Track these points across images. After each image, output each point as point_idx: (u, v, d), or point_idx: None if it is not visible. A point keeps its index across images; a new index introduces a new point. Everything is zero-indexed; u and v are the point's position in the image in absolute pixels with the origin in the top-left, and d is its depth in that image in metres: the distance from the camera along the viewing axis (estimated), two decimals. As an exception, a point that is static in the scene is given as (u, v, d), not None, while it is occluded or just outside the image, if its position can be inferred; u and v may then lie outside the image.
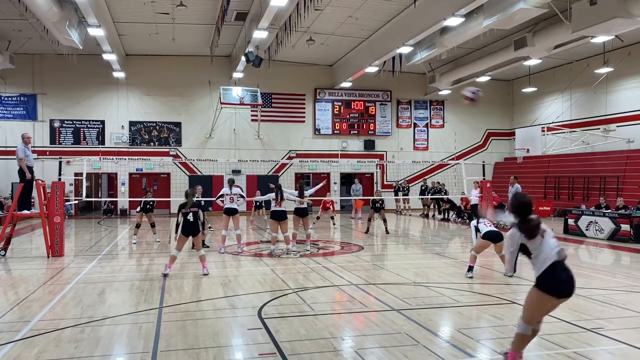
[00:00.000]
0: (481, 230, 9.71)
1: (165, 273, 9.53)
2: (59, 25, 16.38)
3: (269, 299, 7.77)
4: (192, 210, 9.60)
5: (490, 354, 5.48)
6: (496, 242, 9.54)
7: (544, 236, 4.70)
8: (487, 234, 9.54)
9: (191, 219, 9.57)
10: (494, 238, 9.52)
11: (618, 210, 15.30)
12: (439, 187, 23.47)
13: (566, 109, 25.87)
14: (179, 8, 17.90)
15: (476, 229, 9.96)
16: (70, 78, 24.23)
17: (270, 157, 25.77)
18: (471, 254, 9.77)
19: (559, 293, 4.64)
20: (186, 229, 9.60)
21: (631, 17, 13.89)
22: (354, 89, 27.73)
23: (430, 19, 16.76)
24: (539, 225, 4.70)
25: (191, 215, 9.58)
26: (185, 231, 9.63)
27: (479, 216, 10.20)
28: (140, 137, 25.64)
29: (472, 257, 9.73)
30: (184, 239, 9.69)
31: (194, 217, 9.59)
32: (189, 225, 9.58)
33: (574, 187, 23.58)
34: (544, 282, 4.61)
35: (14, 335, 6.07)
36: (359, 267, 10.73)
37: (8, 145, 23.44)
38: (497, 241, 9.54)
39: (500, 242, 9.57)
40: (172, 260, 9.80)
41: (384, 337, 5.97)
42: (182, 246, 9.82)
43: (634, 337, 5.93)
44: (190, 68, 25.47)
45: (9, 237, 12.43)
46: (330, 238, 16.15)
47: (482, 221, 9.91)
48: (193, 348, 5.62)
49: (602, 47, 21.10)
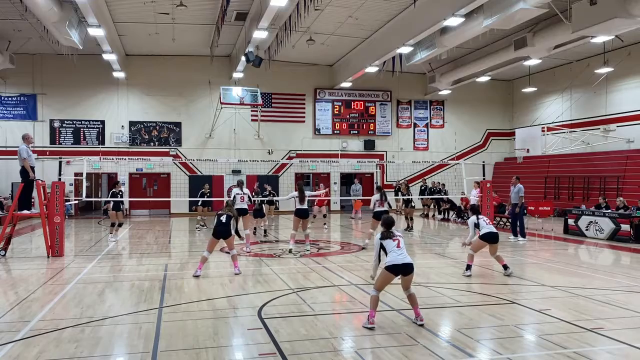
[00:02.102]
0: (481, 228, 9.59)
1: (197, 275, 9.54)
2: (59, 25, 16.38)
3: (269, 299, 7.77)
4: (227, 213, 9.81)
5: (490, 354, 5.48)
6: (493, 242, 9.52)
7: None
8: (486, 235, 9.50)
9: (224, 220, 9.71)
10: (491, 239, 9.50)
11: (619, 210, 15.30)
12: (438, 187, 23.47)
13: (566, 109, 25.87)
14: (179, 8, 17.90)
15: (476, 225, 9.70)
16: (70, 78, 24.23)
17: (270, 157, 25.77)
18: (469, 253, 9.76)
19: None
20: (218, 230, 9.70)
21: (631, 17, 13.88)
22: (354, 89, 27.73)
23: (430, 19, 16.76)
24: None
25: (225, 217, 9.74)
26: (216, 233, 9.71)
27: (478, 212, 10.01)
28: (140, 137, 25.63)
29: (470, 256, 9.73)
30: (214, 241, 9.77)
31: (226, 219, 9.74)
32: (221, 226, 9.68)
33: (574, 187, 23.58)
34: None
35: (14, 335, 6.08)
36: (359, 267, 10.72)
37: (8, 145, 23.45)
38: (494, 242, 9.53)
39: (497, 243, 9.58)
40: (203, 261, 9.83)
41: (384, 337, 5.97)
42: (213, 248, 9.89)
43: (634, 337, 5.93)
44: (190, 68, 25.46)
45: (9, 237, 12.42)
46: (330, 238, 16.13)
47: (481, 218, 9.79)
48: (193, 348, 5.62)
49: (602, 47, 21.10)
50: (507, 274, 9.56)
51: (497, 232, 9.66)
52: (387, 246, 6.49)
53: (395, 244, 6.46)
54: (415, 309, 6.46)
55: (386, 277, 6.42)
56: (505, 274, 9.57)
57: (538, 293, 8.32)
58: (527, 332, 6.25)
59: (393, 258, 6.37)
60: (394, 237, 6.52)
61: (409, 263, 6.40)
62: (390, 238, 6.52)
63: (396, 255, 6.38)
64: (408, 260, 6.41)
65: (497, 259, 9.72)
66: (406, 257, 6.42)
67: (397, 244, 6.47)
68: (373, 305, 6.38)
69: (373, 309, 6.36)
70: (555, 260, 11.72)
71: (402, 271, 6.37)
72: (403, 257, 6.39)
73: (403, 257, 6.39)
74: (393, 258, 6.37)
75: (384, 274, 6.41)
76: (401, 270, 6.37)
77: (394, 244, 6.47)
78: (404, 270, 6.38)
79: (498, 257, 9.70)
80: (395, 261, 6.35)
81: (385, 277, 6.42)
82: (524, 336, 6.10)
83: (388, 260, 6.40)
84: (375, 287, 6.50)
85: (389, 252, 6.44)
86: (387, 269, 6.37)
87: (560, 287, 8.61)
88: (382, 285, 6.50)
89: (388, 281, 6.46)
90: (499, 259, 9.70)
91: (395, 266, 6.34)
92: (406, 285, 6.49)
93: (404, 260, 6.36)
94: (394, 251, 6.41)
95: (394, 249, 6.43)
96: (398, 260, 6.35)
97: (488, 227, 9.60)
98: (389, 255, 6.43)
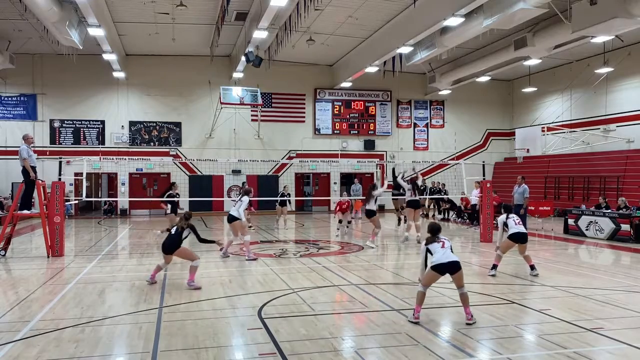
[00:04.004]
0: (510, 228, 9.38)
1: (150, 282, 8.90)
2: (59, 25, 16.38)
3: (269, 299, 7.77)
4: (178, 226, 9.04)
5: (490, 354, 5.48)
6: (522, 243, 9.43)
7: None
8: (515, 235, 9.34)
9: (173, 232, 8.95)
10: (520, 239, 9.39)
11: (620, 210, 15.29)
12: (437, 188, 23.44)
13: (566, 109, 25.87)
14: (179, 8, 17.89)
15: (505, 224, 9.47)
16: (70, 78, 24.24)
17: (270, 157, 25.78)
18: (497, 254, 9.58)
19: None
20: (163, 244, 8.93)
21: (631, 17, 13.89)
22: (354, 89, 27.74)
23: (430, 19, 16.76)
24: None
25: (174, 230, 8.94)
26: (162, 247, 8.95)
27: (508, 211, 9.76)
28: (140, 137, 25.63)
29: (498, 256, 9.56)
30: (165, 256, 8.96)
31: (175, 232, 8.90)
32: (168, 239, 8.89)
33: (574, 187, 23.58)
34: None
35: (14, 335, 6.07)
36: (359, 267, 10.72)
37: (8, 145, 23.45)
38: (523, 242, 9.43)
39: (526, 243, 9.47)
40: (157, 270, 9.12)
41: (384, 337, 5.97)
42: (169, 261, 9.14)
43: (634, 337, 5.93)
44: (190, 68, 25.47)
45: (9, 237, 12.42)
46: (329, 238, 16.13)
47: (511, 217, 9.55)
48: (193, 348, 5.62)
49: (602, 47, 21.10)
50: (533, 274, 9.45)
51: (526, 232, 9.54)
52: (432, 249, 6.67)
53: (440, 245, 6.64)
54: (466, 308, 6.54)
55: (432, 276, 6.60)
56: (532, 274, 9.46)
57: (538, 293, 8.33)
58: (527, 332, 6.25)
59: (438, 257, 6.54)
60: (439, 240, 6.70)
61: (455, 261, 6.52)
62: (436, 242, 6.71)
63: (441, 254, 6.55)
64: (453, 258, 6.52)
65: (525, 259, 9.62)
66: (451, 256, 6.55)
67: (441, 244, 6.64)
68: (419, 301, 6.59)
69: (419, 305, 6.57)
70: (555, 260, 11.71)
71: (448, 270, 6.50)
72: (447, 255, 6.53)
73: (447, 255, 6.53)
74: (438, 257, 6.54)
75: (430, 273, 6.60)
76: (448, 269, 6.49)
77: (438, 246, 6.64)
78: (451, 269, 6.49)
79: (527, 257, 9.59)
80: (441, 260, 6.51)
81: (431, 276, 6.61)
82: (524, 336, 6.10)
83: (434, 259, 6.58)
84: (423, 283, 6.70)
85: (435, 253, 6.63)
86: (433, 268, 6.55)
87: (560, 287, 8.60)
88: (428, 283, 6.69)
89: (434, 280, 6.65)
90: (528, 259, 9.60)
91: (441, 265, 6.48)
92: (458, 283, 6.57)
93: (450, 259, 6.50)
94: (439, 251, 6.58)
95: (438, 249, 6.60)
96: (443, 259, 6.50)
97: (517, 227, 9.40)
98: (434, 255, 6.62)
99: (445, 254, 6.53)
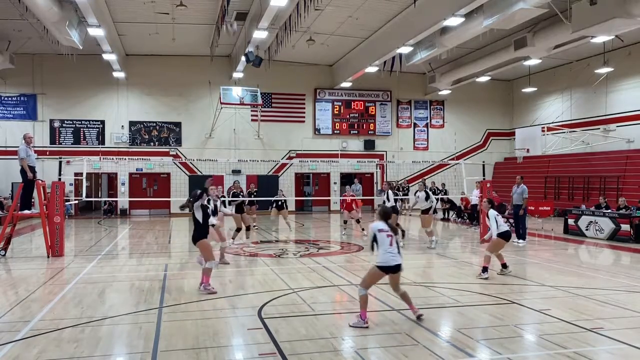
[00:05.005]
0: (499, 225, 9.25)
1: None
2: (59, 25, 16.38)
3: (269, 299, 7.77)
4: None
5: (490, 354, 5.48)
6: (508, 241, 9.49)
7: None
8: (506, 233, 9.33)
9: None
10: (508, 237, 9.44)
11: (620, 210, 15.29)
12: (435, 188, 23.41)
13: (566, 109, 25.87)
14: (179, 8, 17.89)
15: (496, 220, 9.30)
16: (70, 78, 24.24)
17: (270, 157, 25.78)
18: (486, 255, 9.40)
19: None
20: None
21: (631, 17, 13.89)
22: (354, 89, 27.74)
23: (430, 19, 16.76)
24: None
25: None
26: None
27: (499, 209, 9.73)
28: (140, 137, 25.63)
29: (487, 257, 9.36)
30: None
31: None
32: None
33: (574, 187, 23.58)
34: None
35: (14, 335, 6.07)
36: (359, 267, 10.72)
37: (8, 145, 23.45)
38: (508, 240, 9.50)
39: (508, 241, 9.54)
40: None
41: (384, 337, 5.97)
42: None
43: (634, 337, 5.93)
44: (190, 68, 25.46)
45: (9, 237, 12.42)
46: (329, 238, 16.12)
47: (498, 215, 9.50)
48: (193, 348, 5.62)
49: (602, 47, 21.10)
50: (502, 273, 9.51)
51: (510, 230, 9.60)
52: (380, 240, 6.37)
53: (388, 241, 6.35)
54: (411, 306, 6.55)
55: (377, 277, 6.54)
56: (501, 273, 9.52)
57: (538, 293, 8.32)
58: (527, 332, 6.25)
59: (386, 258, 6.34)
60: (388, 234, 6.38)
61: (400, 264, 6.39)
62: (385, 233, 6.38)
63: (389, 256, 6.32)
64: (399, 261, 6.36)
65: (498, 257, 9.66)
66: (398, 258, 6.35)
67: (390, 241, 6.35)
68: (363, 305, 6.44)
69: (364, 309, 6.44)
70: (555, 260, 11.71)
71: (392, 271, 6.39)
72: (396, 258, 6.34)
73: (396, 258, 6.34)
74: (386, 258, 6.34)
75: (377, 273, 6.46)
76: (391, 270, 6.39)
77: (387, 241, 6.35)
78: (394, 270, 6.39)
79: (499, 256, 9.65)
80: (388, 262, 6.34)
81: (376, 277, 6.53)
82: (524, 336, 6.10)
83: (379, 258, 6.38)
84: (364, 285, 6.54)
85: (381, 245, 6.35)
86: (379, 268, 6.38)
87: (560, 287, 8.60)
88: (370, 284, 6.57)
89: (377, 280, 6.61)
90: (501, 257, 9.65)
91: (387, 267, 6.37)
92: (396, 285, 6.55)
93: (397, 262, 6.34)
94: (386, 247, 6.34)
95: (386, 244, 6.35)
96: (391, 261, 6.33)
97: (506, 226, 9.45)
98: (380, 248, 6.36)
99: (393, 255, 6.28)
